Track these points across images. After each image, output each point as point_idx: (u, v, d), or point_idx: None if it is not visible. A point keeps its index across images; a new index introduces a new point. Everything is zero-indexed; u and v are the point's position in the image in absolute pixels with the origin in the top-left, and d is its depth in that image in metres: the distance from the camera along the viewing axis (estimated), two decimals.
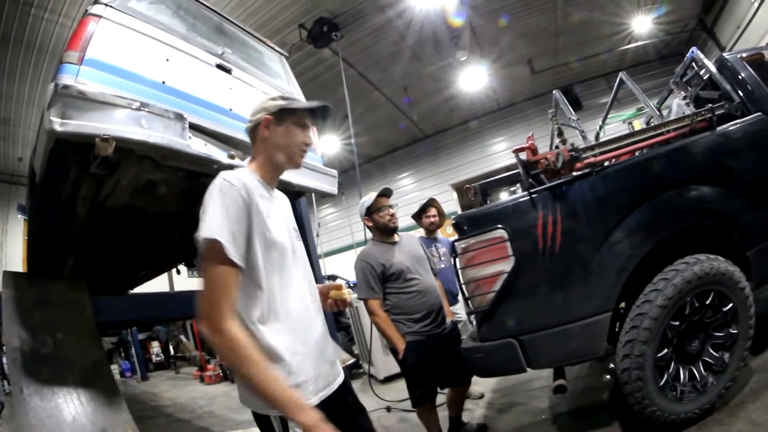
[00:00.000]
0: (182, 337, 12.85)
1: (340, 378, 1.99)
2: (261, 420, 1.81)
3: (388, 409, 5.39)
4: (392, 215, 3.86)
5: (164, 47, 3.48)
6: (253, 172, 1.93)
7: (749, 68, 3.62)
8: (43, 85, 8.17)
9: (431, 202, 5.22)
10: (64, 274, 4.18)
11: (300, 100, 2.03)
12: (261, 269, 1.73)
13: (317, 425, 1.57)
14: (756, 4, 9.96)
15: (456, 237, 3.16)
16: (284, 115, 1.93)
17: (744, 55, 3.76)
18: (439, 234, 5.43)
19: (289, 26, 9.22)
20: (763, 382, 3.10)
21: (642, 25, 11.84)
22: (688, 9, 11.85)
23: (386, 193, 3.93)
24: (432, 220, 5.10)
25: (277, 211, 1.92)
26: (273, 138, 1.94)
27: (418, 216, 5.16)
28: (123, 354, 12.62)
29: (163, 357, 12.71)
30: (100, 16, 3.11)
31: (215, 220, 1.64)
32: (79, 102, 2.69)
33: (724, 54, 3.78)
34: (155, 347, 12.67)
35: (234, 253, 1.62)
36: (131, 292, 6.80)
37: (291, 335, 1.77)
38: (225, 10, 4.94)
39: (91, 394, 3.18)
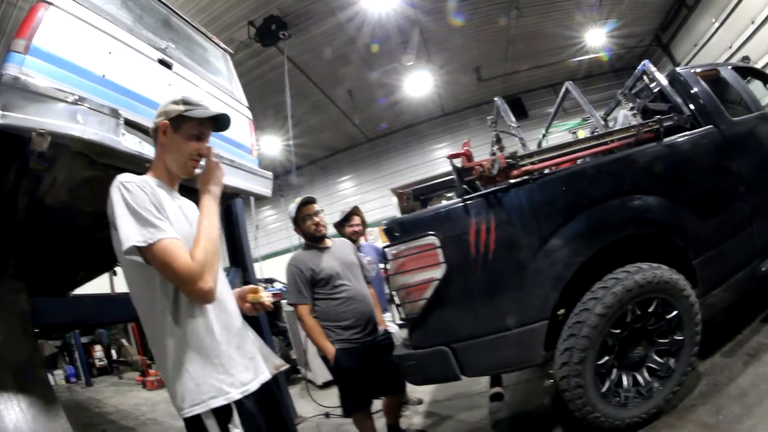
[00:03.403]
0: (123, 340, 12.50)
1: (264, 376, 1.98)
2: (191, 424, 1.75)
3: (327, 415, 5.32)
4: (317, 224, 3.83)
5: (109, 39, 3.36)
6: (152, 176, 1.94)
7: (703, 83, 3.71)
8: None
9: (355, 211, 5.08)
10: (8, 274, 4.01)
11: (204, 106, 1.98)
12: None
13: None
14: (717, 24, 10.33)
15: (387, 243, 3.11)
16: (181, 121, 1.91)
17: (698, 70, 3.87)
18: (362, 240, 5.29)
19: (239, 23, 9.07)
20: (712, 385, 3.15)
21: (596, 38, 12.12)
22: (645, 25, 12.23)
23: (309, 201, 3.89)
24: (356, 229, 4.97)
25: (181, 211, 1.94)
26: (168, 144, 1.94)
27: (341, 224, 5.01)
28: (67, 358, 12.21)
29: (106, 362, 12.36)
30: (50, 4, 2.99)
31: (129, 227, 1.67)
32: (20, 94, 2.60)
33: (678, 68, 3.88)
34: (98, 351, 12.30)
35: (162, 230, 1.68)
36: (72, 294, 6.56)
37: (215, 321, 1.84)
38: (175, 5, 4.80)
39: (31, 400, 3.08)
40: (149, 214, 1.68)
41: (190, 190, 2.15)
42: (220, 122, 2.03)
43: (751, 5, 9.31)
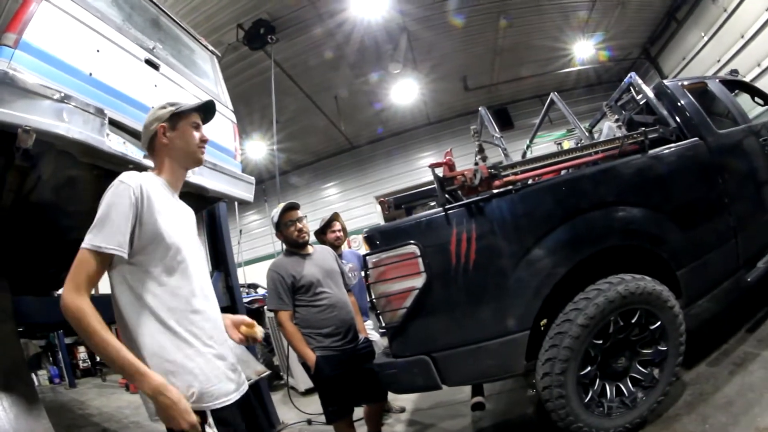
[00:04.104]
0: None
1: (244, 387, 2.02)
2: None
3: (309, 422, 5.29)
4: (300, 230, 3.78)
5: (97, 37, 3.32)
6: (158, 176, 2.01)
7: (690, 95, 3.73)
8: None
9: (335, 217, 5.03)
10: None
11: (187, 102, 2.07)
12: (158, 263, 1.81)
13: (160, 389, 1.64)
14: (706, 38, 10.43)
15: (367, 251, 3.10)
16: (176, 119, 2.02)
17: (686, 83, 3.88)
18: (344, 247, 5.26)
19: (228, 25, 9.03)
20: (698, 394, 3.16)
21: (583, 50, 12.21)
22: (633, 38, 12.29)
23: (293, 207, 3.84)
24: (338, 234, 4.93)
25: (177, 214, 2.00)
26: (172, 142, 2.02)
27: (322, 232, 4.96)
28: (51, 359, 12.07)
29: (90, 363, 12.22)
30: None
31: (96, 229, 1.71)
32: (8, 89, 2.58)
33: (665, 81, 3.88)
34: (82, 352, 12.14)
35: (104, 244, 1.69)
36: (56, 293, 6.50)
37: (203, 327, 1.87)
38: (165, 4, 4.77)
39: (13, 399, 3.02)
40: (109, 220, 1.71)
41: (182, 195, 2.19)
42: (206, 113, 2.14)
43: (741, 20, 9.44)
